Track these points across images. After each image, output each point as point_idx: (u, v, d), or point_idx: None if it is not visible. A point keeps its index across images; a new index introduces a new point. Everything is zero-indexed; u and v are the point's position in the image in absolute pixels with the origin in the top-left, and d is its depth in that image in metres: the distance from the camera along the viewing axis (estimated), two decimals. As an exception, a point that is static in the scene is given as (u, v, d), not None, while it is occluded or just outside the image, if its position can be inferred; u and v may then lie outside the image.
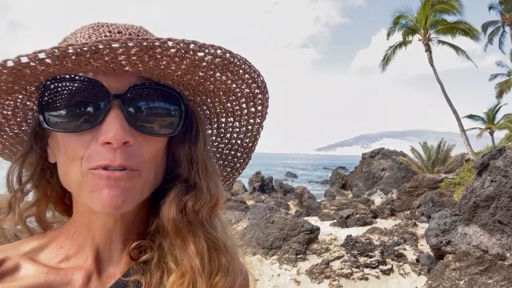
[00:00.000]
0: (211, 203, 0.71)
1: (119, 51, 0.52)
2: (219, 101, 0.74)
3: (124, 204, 0.61)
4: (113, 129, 0.58)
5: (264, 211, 10.16)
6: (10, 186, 0.72)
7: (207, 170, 0.72)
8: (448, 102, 21.28)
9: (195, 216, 0.69)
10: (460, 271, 5.55)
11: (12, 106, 0.67)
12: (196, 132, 0.73)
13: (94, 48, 0.51)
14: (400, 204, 13.92)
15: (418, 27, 21.80)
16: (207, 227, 0.70)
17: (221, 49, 0.58)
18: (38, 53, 0.50)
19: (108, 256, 0.71)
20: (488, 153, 6.60)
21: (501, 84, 29.83)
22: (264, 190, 22.92)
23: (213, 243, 0.70)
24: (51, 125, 0.61)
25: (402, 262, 7.90)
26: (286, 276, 7.65)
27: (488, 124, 26.17)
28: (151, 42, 0.52)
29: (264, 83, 0.71)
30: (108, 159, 0.59)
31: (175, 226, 0.67)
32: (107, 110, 0.59)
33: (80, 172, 0.61)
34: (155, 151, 0.66)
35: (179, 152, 0.72)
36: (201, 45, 0.56)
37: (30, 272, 0.65)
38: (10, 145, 0.79)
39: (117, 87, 0.61)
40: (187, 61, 0.57)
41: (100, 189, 0.60)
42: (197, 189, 0.70)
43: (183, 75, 0.61)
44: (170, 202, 0.68)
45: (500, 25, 29.25)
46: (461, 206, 6.51)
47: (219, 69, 0.61)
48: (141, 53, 0.54)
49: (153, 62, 0.56)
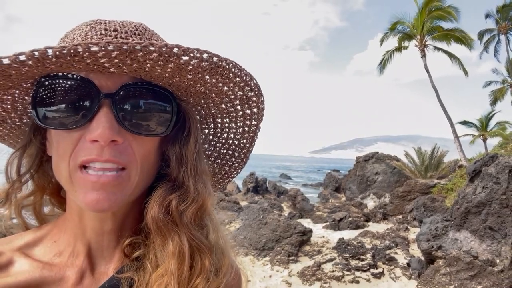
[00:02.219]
0: (197, 204, 0.70)
1: (99, 54, 0.52)
2: (213, 102, 0.74)
3: (110, 207, 0.61)
4: (100, 127, 0.58)
5: (257, 212, 10.16)
6: (8, 177, 0.73)
7: (196, 170, 0.72)
8: (442, 108, 21.45)
9: (179, 216, 0.68)
10: (450, 276, 5.59)
11: (10, 100, 0.68)
12: (188, 132, 0.72)
13: (73, 51, 0.51)
14: (393, 208, 14.00)
15: (415, 33, 21.98)
16: (191, 228, 0.69)
17: (208, 53, 0.57)
18: (19, 55, 0.51)
19: (100, 251, 0.71)
20: (480, 160, 6.66)
21: (495, 91, 30.15)
22: (258, 191, 22.91)
23: (196, 244, 0.69)
24: (42, 121, 0.61)
25: (393, 266, 7.94)
26: (278, 278, 7.64)
27: (481, 131, 26.41)
28: (131, 46, 0.52)
29: (258, 86, 0.70)
30: (95, 154, 0.59)
31: (157, 226, 0.67)
32: (97, 108, 0.60)
33: (68, 170, 0.61)
34: (147, 150, 0.66)
35: (170, 151, 0.72)
36: (185, 49, 0.55)
37: (24, 267, 0.65)
38: (14, 135, 0.79)
39: (109, 86, 0.61)
40: (172, 65, 0.57)
41: (86, 191, 0.60)
42: (183, 189, 0.70)
43: (171, 77, 0.61)
44: (154, 201, 0.68)
45: (496, 34, 29.58)
46: (452, 212, 6.56)
47: (208, 72, 0.61)
48: (122, 56, 0.54)
49: (137, 65, 0.56)
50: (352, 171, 23.31)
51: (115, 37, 0.65)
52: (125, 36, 0.65)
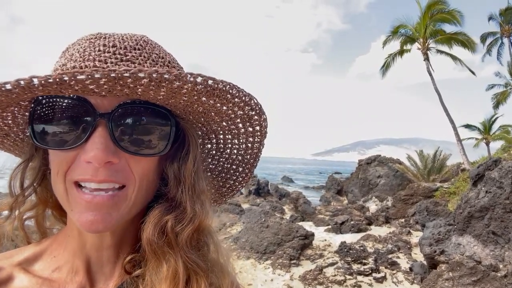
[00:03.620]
0: (193, 225, 0.68)
1: (87, 82, 0.51)
2: (213, 121, 0.72)
3: (105, 228, 0.60)
4: (94, 149, 0.57)
5: (259, 215, 10.14)
6: (12, 191, 0.72)
7: (194, 190, 0.70)
8: (445, 111, 21.40)
9: (175, 238, 0.66)
10: (453, 281, 5.55)
11: (10, 116, 0.68)
12: (187, 150, 0.71)
13: (58, 80, 0.50)
14: (395, 212, 13.94)
15: (418, 36, 21.96)
16: (186, 251, 0.67)
17: (202, 76, 0.56)
18: (4, 84, 0.51)
19: (100, 267, 0.70)
20: (483, 164, 6.62)
21: (498, 95, 30.04)
22: (259, 193, 22.90)
23: (192, 267, 0.67)
24: (39, 140, 0.61)
25: (396, 270, 7.89)
26: (279, 281, 7.62)
27: (484, 134, 26.31)
28: (119, 73, 0.51)
29: (259, 105, 0.69)
30: (90, 174, 0.58)
31: (151, 248, 0.65)
32: (93, 129, 0.59)
33: (64, 187, 0.61)
34: (145, 169, 0.65)
35: (168, 170, 0.70)
36: (177, 74, 0.53)
37: (23, 283, 0.64)
38: (18, 147, 0.79)
39: (105, 105, 0.60)
40: (164, 89, 0.56)
41: (81, 212, 0.59)
42: (180, 209, 0.68)
43: (166, 99, 0.60)
44: (149, 221, 0.66)
45: (499, 37, 29.51)
46: (455, 216, 6.52)
47: (204, 95, 0.60)
48: (110, 83, 0.52)
49: (128, 90, 0.55)
50: (354, 174, 23.27)
51: (113, 53, 0.63)
52: (123, 52, 0.64)
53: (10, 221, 0.72)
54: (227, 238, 9.76)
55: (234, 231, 10.53)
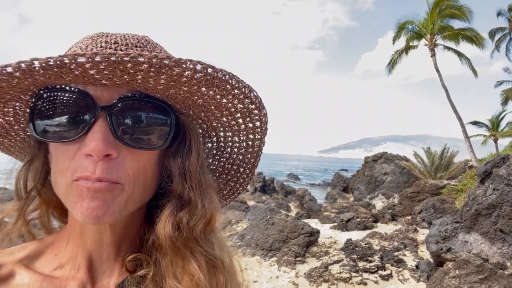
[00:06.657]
0: (205, 220, 0.68)
1: (87, 66, 0.51)
2: (213, 116, 0.72)
3: (104, 216, 0.60)
4: (94, 141, 0.57)
5: (265, 212, 10.15)
6: (19, 194, 0.72)
7: (201, 185, 0.70)
8: (452, 108, 21.19)
9: (190, 233, 0.67)
10: (460, 279, 5.52)
11: (12, 112, 0.68)
12: (189, 146, 0.71)
13: (59, 62, 0.50)
14: (401, 209, 13.87)
15: (425, 32, 21.74)
16: (202, 244, 0.68)
17: (201, 63, 0.56)
18: (5, 67, 0.51)
19: (101, 265, 0.70)
20: (491, 161, 6.56)
21: (506, 91, 29.65)
22: (265, 190, 22.90)
23: (210, 261, 0.68)
24: (40, 134, 0.61)
25: (402, 268, 7.87)
26: (285, 279, 7.63)
27: (492, 131, 26.02)
28: (119, 57, 0.51)
29: (259, 99, 0.68)
30: (88, 171, 0.58)
31: (173, 244, 0.66)
32: (93, 121, 0.59)
33: (65, 184, 0.61)
34: (142, 165, 0.65)
35: (172, 166, 0.70)
36: (177, 60, 0.53)
37: (24, 280, 0.65)
38: (20, 148, 0.79)
39: (106, 98, 0.60)
40: (164, 76, 0.56)
41: (82, 200, 0.59)
42: (191, 205, 0.68)
43: (166, 89, 0.60)
44: (165, 219, 0.66)
45: (508, 32, 29.09)
46: (462, 214, 6.48)
47: (203, 84, 0.59)
48: (110, 68, 0.52)
49: (128, 76, 0.55)
50: (360, 171, 23.18)
51: (115, 49, 0.64)
52: (125, 48, 0.65)
53: (18, 225, 0.72)
54: (233, 235, 9.79)
55: (239, 228, 10.55)
